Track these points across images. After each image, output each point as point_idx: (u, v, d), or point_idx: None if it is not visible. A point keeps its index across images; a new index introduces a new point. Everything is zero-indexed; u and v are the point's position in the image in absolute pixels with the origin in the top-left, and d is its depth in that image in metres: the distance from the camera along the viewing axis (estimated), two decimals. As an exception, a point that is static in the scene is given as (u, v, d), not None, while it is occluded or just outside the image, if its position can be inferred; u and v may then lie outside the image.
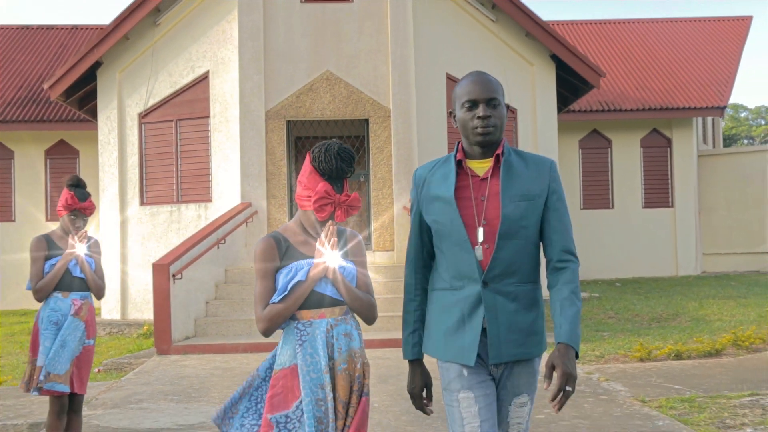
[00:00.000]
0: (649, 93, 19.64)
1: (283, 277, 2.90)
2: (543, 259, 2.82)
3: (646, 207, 19.48)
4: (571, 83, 15.67)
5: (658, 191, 19.50)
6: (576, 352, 2.63)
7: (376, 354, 8.58)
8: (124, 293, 13.94)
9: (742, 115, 63.54)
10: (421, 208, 2.82)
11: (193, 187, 13.80)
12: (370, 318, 2.99)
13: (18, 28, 22.06)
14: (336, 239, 2.91)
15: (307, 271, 2.91)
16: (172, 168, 13.91)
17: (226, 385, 7.54)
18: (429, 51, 13.70)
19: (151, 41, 14.08)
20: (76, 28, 22.15)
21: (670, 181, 19.48)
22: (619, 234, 19.30)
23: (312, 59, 13.25)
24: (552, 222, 2.74)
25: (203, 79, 13.76)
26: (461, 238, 2.69)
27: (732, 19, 23.59)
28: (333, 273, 2.92)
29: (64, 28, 22.14)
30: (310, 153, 2.95)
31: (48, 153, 18.21)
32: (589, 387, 6.97)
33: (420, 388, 2.82)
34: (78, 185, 4.60)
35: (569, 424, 5.70)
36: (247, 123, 13.05)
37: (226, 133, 13.44)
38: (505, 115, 2.74)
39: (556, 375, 2.58)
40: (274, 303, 2.89)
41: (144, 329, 12.49)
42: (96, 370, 9.16)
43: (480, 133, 2.68)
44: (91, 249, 4.62)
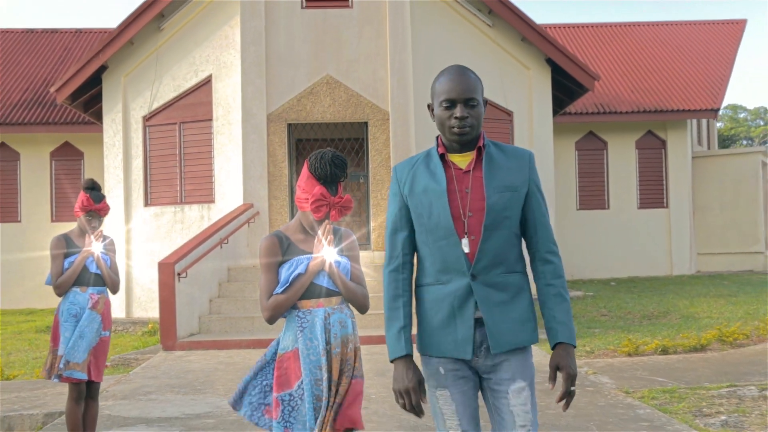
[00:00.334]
0: (644, 95, 19.93)
1: (285, 271, 3.28)
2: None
3: (641, 207, 19.75)
4: (567, 86, 15.95)
5: (653, 192, 19.78)
6: (574, 346, 2.68)
7: (375, 350, 8.91)
8: (128, 292, 14.23)
9: (741, 115, 63.69)
10: (406, 202, 2.80)
11: (196, 188, 14.11)
12: (363, 307, 3.38)
13: (22, 32, 22.23)
14: (332, 236, 3.30)
15: (306, 265, 3.29)
16: (175, 170, 14.21)
17: (230, 379, 7.87)
18: (427, 55, 14.01)
19: (155, 46, 14.40)
20: (80, 32, 22.32)
21: (664, 182, 19.77)
22: (615, 234, 19.57)
23: (312, 63, 13.57)
24: (536, 214, 2.77)
25: (206, 82, 14.09)
26: (449, 231, 2.69)
27: (726, 22, 23.85)
28: (330, 266, 3.31)
29: (68, 32, 22.33)
30: (307, 161, 3.34)
31: (53, 155, 18.43)
32: (577, 380, 7.28)
33: (415, 382, 2.69)
34: (93, 188, 4.94)
35: (555, 413, 6.03)
36: (249, 126, 13.35)
37: (228, 135, 13.75)
38: (482, 113, 2.77)
39: (560, 376, 2.63)
40: (277, 294, 3.27)
41: (149, 327, 12.76)
42: (104, 365, 9.48)
43: (456, 133, 2.71)
44: (106, 247, 4.98)
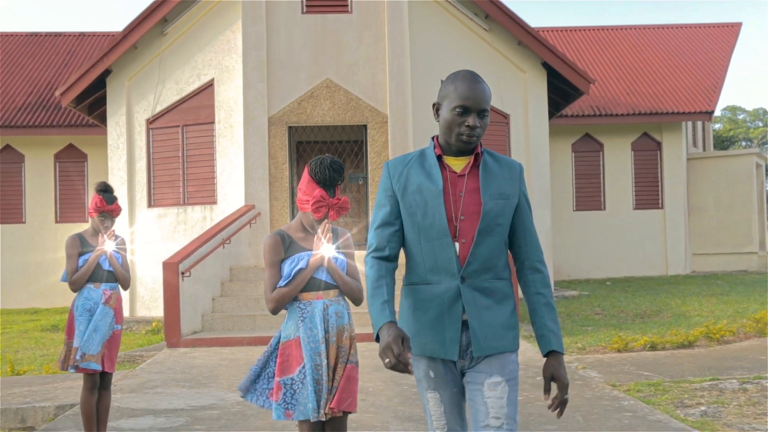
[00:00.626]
0: (640, 98, 20.24)
1: (287, 266, 3.60)
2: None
3: (636, 208, 20.06)
4: (562, 89, 16.25)
5: (649, 193, 20.08)
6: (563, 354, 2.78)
7: (372, 346, 9.15)
8: (132, 291, 14.51)
9: (740, 117, 63.92)
10: (397, 198, 2.80)
11: (198, 189, 14.39)
12: (358, 300, 3.70)
13: (26, 35, 22.50)
14: (331, 235, 3.63)
15: (307, 261, 3.61)
16: (178, 172, 14.50)
17: (233, 374, 8.16)
18: (425, 60, 14.30)
19: (158, 50, 14.69)
20: (83, 35, 22.60)
21: (660, 184, 20.07)
22: (611, 235, 19.88)
23: (313, 68, 13.85)
24: (526, 224, 2.82)
25: (208, 86, 14.38)
26: (442, 232, 2.70)
27: (721, 25, 24.15)
28: (328, 262, 3.63)
29: (71, 35, 22.61)
30: (308, 166, 3.66)
31: (57, 157, 18.71)
32: (567, 373, 7.56)
33: (396, 336, 2.55)
34: (106, 190, 5.24)
35: (544, 405, 6.31)
36: (251, 128, 13.63)
37: (230, 138, 14.04)
38: (488, 123, 2.82)
39: (554, 385, 2.74)
40: (280, 287, 3.60)
41: (153, 325, 13.02)
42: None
43: (464, 141, 2.73)
44: (118, 246, 5.28)
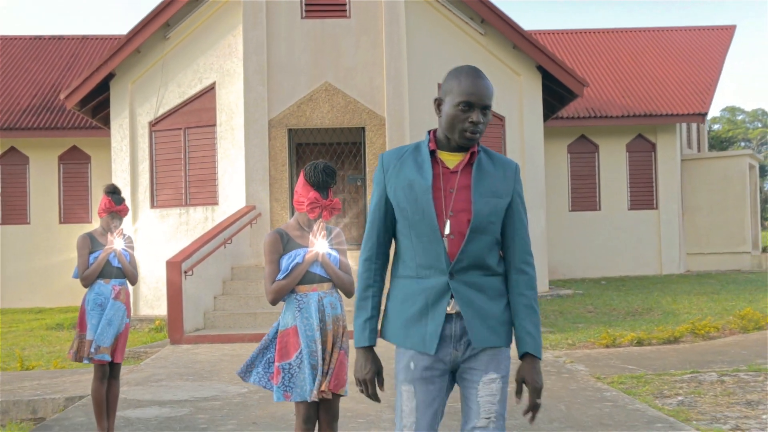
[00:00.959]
0: (635, 100, 20.53)
1: (285, 261, 3.95)
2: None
3: (631, 209, 20.32)
4: (557, 92, 16.53)
5: (643, 194, 20.36)
6: (540, 359, 2.71)
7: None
8: (135, 290, 14.75)
9: (739, 117, 64.23)
10: (387, 192, 2.80)
11: (200, 190, 14.70)
12: (349, 292, 4.04)
13: (30, 39, 22.75)
14: (325, 233, 3.97)
15: (303, 256, 3.96)
16: (180, 173, 14.81)
17: (234, 368, 8.46)
18: (422, 63, 14.60)
19: (161, 54, 14.99)
20: (86, 38, 22.85)
21: (654, 184, 20.35)
22: (606, 234, 20.15)
23: (312, 71, 14.16)
24: (516, 224, 2.79)
25: (210, 89, 14.69)
26: (432, 228, 2.69)
27: (716, 28, 24.43)
28: (322, 257, 3.98)
29: (74, 39, 22.85)
30: (303, 170, 4.01)
31: (61, 158, 18.97)
32: (555, 368, 7.89)
33: (373, 374, 2.77)
34: (115, 192, 5.57)
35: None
36: (252, 131, 13.93)
37: (231, 140, 14.35)
38: (490, 119, 2.81)
39: (526, 389, 2.68)
40: (279, 280, 3.94)
41: (155, 324, 13.31)
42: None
43: (468, 137, 2.72)
44: (126, 244, 5.60)
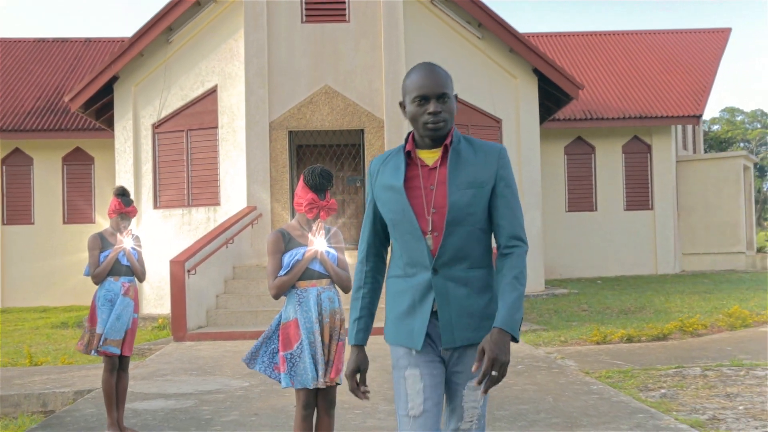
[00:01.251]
0: (631, 102, 20.81)
1: (287, 259, 4.25)
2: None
3: (627, 209, 20.61)
4: (554, 95, 16.81)
5: (639, 194, 20.64)
6: (513, 336, 2.62)
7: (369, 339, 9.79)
8: (139, 289, 15.06)
9: (738, 118, 64.45)
10: (375, 196, 2.88)
11: (202, 191, 14.97)
12: (346, 288, 4.33)
13: (34, 41, 23.03)
14: (323, 232, 4.27)
15: (303, 254, 4.25)
16: (183, 174, 15.08)
17: (236, 364, 8.75)
18: (419, 67, 14.85)
19: (164, 57, 15.27)
20: (90, 41, 23.11)
21: (650, 185, 20.63)
22: (602, 235, 20.44)
23: (312, 75, 14.44)
24: (500, 209, 2.75)
25: (212, 92, 14.97)
26: (412, 227, 2.74)
27: (711, 31, 24.70)
28: (321, 255, 4.28)
29: (77, 41, 23.12)
30: (302, 174, 4.28)
31: (65, 160, 19.25)
32: (546, 363, 8.17)
33: (352, 372, 2.87)
34: (124, 194, 5.85)
35: (520, 389, 6.91)
36: (253, 133, 14.21)
37: (233, 142, 14.63)
38: (454, 107, 2.79)
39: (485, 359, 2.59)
40: (281, 276, 4.24)
41: (159, 322, 13.58)
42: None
43: (431, 129, 2.72)
44: (134, 243, 5.88)
